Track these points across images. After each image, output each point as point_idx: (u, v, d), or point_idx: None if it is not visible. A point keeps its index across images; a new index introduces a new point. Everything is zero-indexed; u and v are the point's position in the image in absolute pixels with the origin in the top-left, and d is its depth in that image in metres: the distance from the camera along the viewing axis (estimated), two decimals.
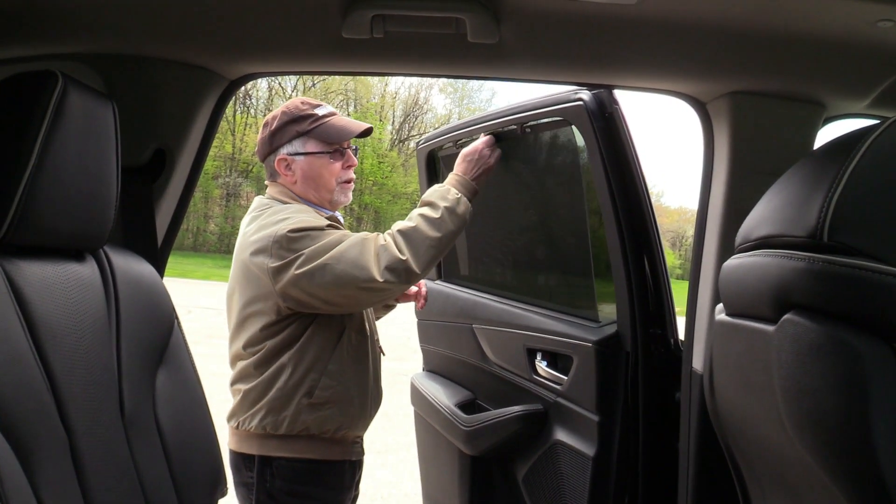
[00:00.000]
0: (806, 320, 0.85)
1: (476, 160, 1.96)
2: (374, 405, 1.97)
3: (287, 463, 1.81)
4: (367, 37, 1.31)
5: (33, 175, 1.04)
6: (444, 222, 1.79)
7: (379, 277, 1.69)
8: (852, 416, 0.78)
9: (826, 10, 1.17)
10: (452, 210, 1.81)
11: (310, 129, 1.86)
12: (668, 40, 1.34)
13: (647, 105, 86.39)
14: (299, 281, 1.69)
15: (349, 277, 1.68)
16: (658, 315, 1.95)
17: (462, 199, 1.85)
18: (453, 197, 1.84)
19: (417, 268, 1.73)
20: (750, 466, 1.15)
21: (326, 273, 1.68)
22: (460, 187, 1.89)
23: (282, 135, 1.87)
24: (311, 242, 1.71)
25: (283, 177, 1.89)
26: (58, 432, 1.01)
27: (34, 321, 1.03)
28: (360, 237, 1.75)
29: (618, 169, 1.91)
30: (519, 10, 1.25)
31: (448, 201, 1.83)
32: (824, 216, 0.83)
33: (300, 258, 1.69)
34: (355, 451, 1.94)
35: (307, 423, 1.81)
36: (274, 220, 1.76)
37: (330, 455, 1.86)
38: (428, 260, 1.76)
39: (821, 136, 1.60)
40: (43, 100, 1.05)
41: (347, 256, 1.69)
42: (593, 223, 2.15)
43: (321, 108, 1.90)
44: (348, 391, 1.86)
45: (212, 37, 1.44)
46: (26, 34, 1.41)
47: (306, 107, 1.89)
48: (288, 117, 1.87)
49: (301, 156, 1.87)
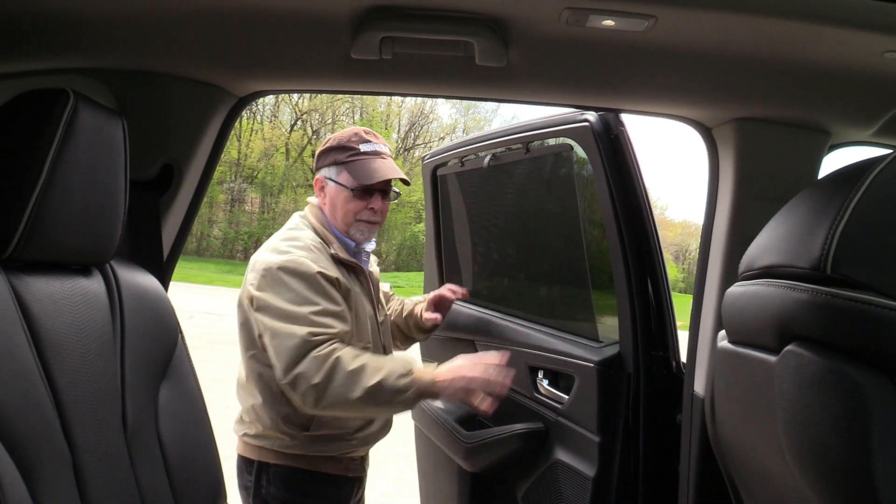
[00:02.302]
0: (808, 352, 0.85)
1: (465, 388, 1.71)
2: (380, 433, 1.95)
3: (282, 471, 1.82)
4: (376, 58, 1.32)
5: (43, 192, 1.05)
6: (376, 395, 1.64)
7: (282, 376, 1.64)
8: (853, 451, 0.77)
9: (832, 40, 1.18)
10: (395, 397, 1.66)
11: (345, 162, 1.86)
12: (675, 66, 1.35)
13: (652, 119, 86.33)
14: (257, 318, 1.72)
15: (272, 351, 1.67)
16: (660, 337, 1.95)
17: (410, 400, 1.68)
18: (408, 392, 1.66)
19: (316, 403, 1.63)
20: (749, 494, 1.15)
21: (267, 333, 1.69)
22: (425, 391, 1.70)
23: (324, 158, 1.91)
24: (284, 291, 1.69)
25: (318, 196, 1.93)
26: (61, 448, 1.02)
27: (40, 337, 1.03)
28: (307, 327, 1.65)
29: (622, 191, 1.92)
30: (527, 34, 1.26)
31: (401, 387, 1.66)
32: (828, 248, 0.83)
33: (263, 300, 1.69)
34: (353, 468, 1.92)
35: (304, 448, 1.81)
36: (281, 247, 1.77)
37: (326, 469, 1.86)
38: (330, 406, 1.64)
39: (826, 164, 1.61)
40: (54, 117, 1.06)
41: (281, 335, 1.65)
42: (592, 241, 2.16)
43: (368, 145, 1.89)
44: (348, 423, 1.84)
45: (222, 54, 1.45)
46: (39, 49, 1.43)
47: (356, 139, 1.89)
48: (334, 143, 1.90)
49: (332, 182, 1.88)
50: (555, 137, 2.14)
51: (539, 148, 2.27)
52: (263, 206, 31.63)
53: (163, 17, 1.29)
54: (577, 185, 2.18)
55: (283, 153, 32.42)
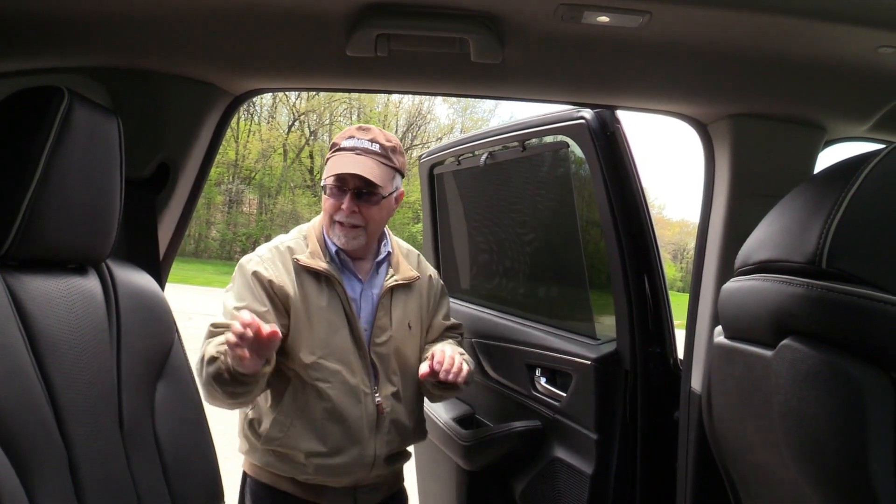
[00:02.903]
0: (804, 346, 0.85)
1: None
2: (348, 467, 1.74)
3: (252, 484, 1.83)
4: (372, 55, 1.32)
5: (38, 190, 1.04)
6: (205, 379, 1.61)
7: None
8: (849, 444, 0.78)
9: (827, 36, 1.18)
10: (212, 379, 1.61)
11: (327, 160, 1.80)
12: (670, 63, 1.35)
13: (648, 117, 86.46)
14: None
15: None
16: (657, 333, 1.95)
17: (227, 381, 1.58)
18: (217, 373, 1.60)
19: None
20: (747, 489, 1.15)
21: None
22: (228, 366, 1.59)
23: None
24: (231, 285, 1.78)
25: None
26: (57, 446, 1.01)
27: (35, 335, 1.03)
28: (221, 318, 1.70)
29: (619, 188, 1.92)
30: (522, 31, 1.26)
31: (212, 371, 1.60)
32: (823, 242, 0.83)
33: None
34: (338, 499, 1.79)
35: (264, 461, 1.78)
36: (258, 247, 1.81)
37: (288, 489, 1.78)
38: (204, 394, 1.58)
39: (822, 159, 1.61)
40: (49, 115, 1.06)
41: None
42: (589, 239, 2.16)
43: (351, 140, 1.78)
44: (296, 443, 1.72)
45: (218, 53, 1.45)
46: (34, 48, 1.42)
47: (345, 135, 1.80)
48: (333, 141, 1.82)
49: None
50: (551, 135, 2.14)
51: (535, 146, 2.28)
52: (261, 207, 31.57)
53: (157, 16, 1.29)
54: (574, 183, 2.18)
55: (280, 154, 32.37)
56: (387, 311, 1.84)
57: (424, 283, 1.95)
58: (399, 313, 1.86)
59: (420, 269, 1.96)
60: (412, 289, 1.91)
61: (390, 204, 1.83)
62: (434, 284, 2.00)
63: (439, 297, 2.00)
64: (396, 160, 1.81)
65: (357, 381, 1.76)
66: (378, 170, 1.75)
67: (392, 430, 1.81)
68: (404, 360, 1.87)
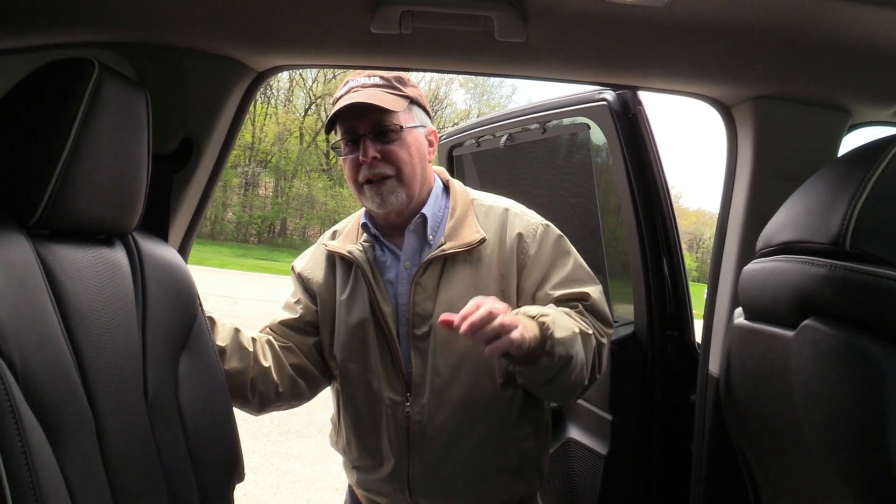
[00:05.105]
0: (825, 326, 0.85)
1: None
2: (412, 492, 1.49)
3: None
4: (396, 32, 1.32)
5: (68, 161, 1.06)
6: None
7: None
8: (869, 423, 0.78)
9: (855, 17, 1.17)
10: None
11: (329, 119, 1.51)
12: (695, 43, 1.34)
13: (666, 106, 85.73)
14: None
15: None
16: (676, 317, 1.95)
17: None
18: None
19: None
20: (764, 470, 1.16)
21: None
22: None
23: None
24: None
25: None
26: (85, 413, 1.03)
27: (65, 303, 1.05)
28: None
29: (640, 170, 1.91)
30: (547, 9, 1.25)
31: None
32: (847, 223, 0.83)
33: None
34: None
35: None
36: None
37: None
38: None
39: (846, 143, 1.59)
40: (79, 87, 1.07)
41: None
42: (608, 224, 2.16)
43: (346, 86, 1.51)
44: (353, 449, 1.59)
45: (242, 28, 1.46)
46: (59, 22, 1.43)
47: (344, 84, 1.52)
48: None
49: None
50: (572, 117, 2.14)
51: (556, 127, 2.27)
52: (277, 190, 31.66)
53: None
54: (594, 165, 2.17)
55: (297, 137, 32.42)
56: (429, 294, 1.45)
57: (494, 246, 1.47)
58: (448, 294, 1.44)
59: (493, 228, 1.49)
60: (473, 257, 1.46)
61: (419, 140, 1.49)
62: (513, 246, 1.47)
63: (531, 259, 1.47)
64: (408, 90, 1.51)
65: (379, 387, 1.49)
66: (387, 97, 1.44)
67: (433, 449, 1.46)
68: (459, 357, 1.44)
